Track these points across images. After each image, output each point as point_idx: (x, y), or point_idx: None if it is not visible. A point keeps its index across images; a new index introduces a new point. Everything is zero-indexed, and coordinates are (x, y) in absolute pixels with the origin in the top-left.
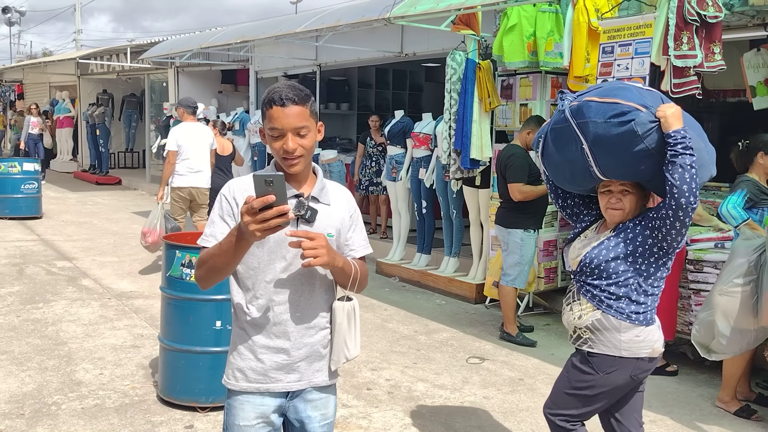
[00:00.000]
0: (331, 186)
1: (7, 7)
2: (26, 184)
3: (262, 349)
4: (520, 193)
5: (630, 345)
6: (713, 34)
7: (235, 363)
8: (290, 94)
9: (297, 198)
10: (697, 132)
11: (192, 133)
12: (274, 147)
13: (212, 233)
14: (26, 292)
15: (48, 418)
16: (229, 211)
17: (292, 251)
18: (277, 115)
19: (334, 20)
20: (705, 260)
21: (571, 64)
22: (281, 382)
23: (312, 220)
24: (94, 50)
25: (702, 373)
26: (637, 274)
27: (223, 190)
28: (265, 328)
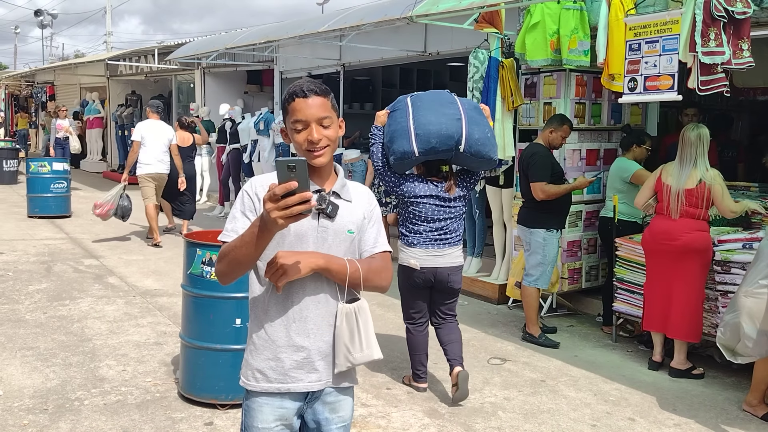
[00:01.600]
0: (352, 184)
1: (40, 10)
2: (56, 183)
3: (282, 347)
4: (543, 192)
5: (402, 257)
6: (741, 30)
7: (253, 363)
8: (311, 86)
9: (318, 193)
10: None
11: (154, 129)
12: (297, 141)
13: (234, 228)
14: (53, 290)
15: (70, 413)
16: (251, 207)
17: (312, 246)
18: (300, 106)
19: (357, 19)
20: (732, 261)
21: (606, 62)
22: (302, 382)
23: (333, 215)
24: (123, 52)
25: (729, 377)
26: (401, 217)
27: (246, 186)
28: (285, 325)
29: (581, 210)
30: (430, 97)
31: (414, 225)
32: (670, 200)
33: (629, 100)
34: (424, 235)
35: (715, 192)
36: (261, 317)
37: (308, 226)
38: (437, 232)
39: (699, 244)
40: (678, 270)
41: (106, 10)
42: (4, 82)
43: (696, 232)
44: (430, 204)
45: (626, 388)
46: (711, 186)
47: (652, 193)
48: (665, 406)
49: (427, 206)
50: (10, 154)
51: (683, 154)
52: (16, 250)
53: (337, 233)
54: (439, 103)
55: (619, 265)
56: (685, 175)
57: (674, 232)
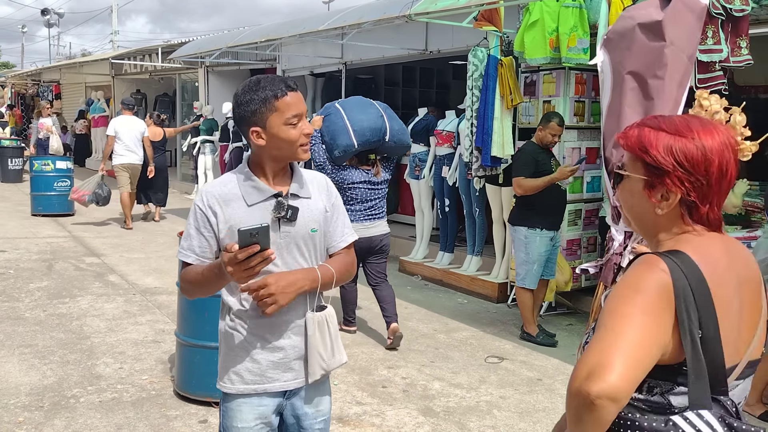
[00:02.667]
0: (308, 177)
1: (46, 9)
2: (59, 181)
3: (258, 348)
4: (519, 186)
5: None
6: (740, 27)
7: (229, 365)
8: (288, 81)
9: (275, 198)
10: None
11: (127, 123)
12: (292, 136)
13: (189, 247)
14: (54, 287)
15: (66, 410)
16: (205, 223)
17: (283, 246)
18: (295, 100)
19: (356, 18)
20: None
21: None
22: (278, 381)
23: (293, 219)
24: (127, 50)
25: None
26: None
27: (197, 200)
28: (260, 326)
29: (581, 208)
30: (355, 101)
31: (351, 206)
32: None
33: None
34: (360, 213)
35: None
36: (235, 319)
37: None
38: (369, 210)
39: None
40: None
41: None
42: (11, 80)
43: None
44: (363, 188)
45: None
46: None
47: None
48: None
49: (361, 190)
50: (15, 152)
51: None
52: (18, 248)
53: (300, 236)
54: (363, 105)
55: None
56: None
57: None
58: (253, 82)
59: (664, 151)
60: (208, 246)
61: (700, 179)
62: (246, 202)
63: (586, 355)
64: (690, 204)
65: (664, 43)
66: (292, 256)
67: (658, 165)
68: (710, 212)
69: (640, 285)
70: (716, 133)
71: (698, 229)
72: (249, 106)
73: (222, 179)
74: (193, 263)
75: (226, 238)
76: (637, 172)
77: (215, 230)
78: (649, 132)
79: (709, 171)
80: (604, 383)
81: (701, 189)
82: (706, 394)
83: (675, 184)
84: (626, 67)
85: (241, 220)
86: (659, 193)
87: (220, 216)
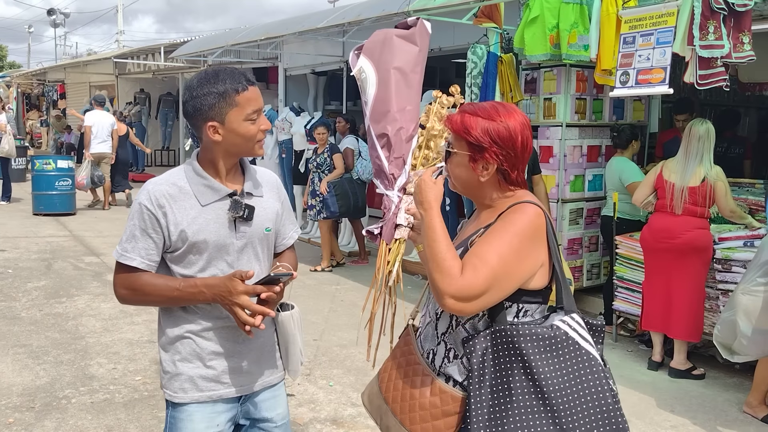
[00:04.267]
0: (259, 175)
1: (52, 9)
2: (60, 181)
3: (212, 354)
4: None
5: None
6: (742, 23)
7: (180, 373)
8: (247, 74)
9: (231, 198)
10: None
11: (99, 118)
12: (251, 132)
13: (134, 249)
14: (51, 287)
15: (57, 411)
16: (154, 224)
17: (234, 255)
18: (254, 95)
19: (356, 15)
20: (733, 259)
21: (598, 57)
22: (234, 387)
23: (250, 218)
24: (130, 50)
25: (731, 377)
26: None
27: (142, 198)
28: (213, 330)
29: (582, 207)
30: None
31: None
32: (674, 197)
33: (619, 94)
34: None
35: (719, 190)
36: (183, 324)
37: (226, 235)
38: None
39: (700, 242)
40: (678, 268)
41: (118, 9)
42: (16, 80)
43: (697, 230)
44: None
45: (624, 389)
46: (714, 184)
47: (651, 191)
48: (663, 407)
49: None
50: (19, 152)
51: (689, 148)
52: (18, 248)
53: (255, 236)
54: None
55: (619, 263)
56: (690, 171)
57: (675, 230)
58: (210, 74)
59: (481, 132)
60: (155, 248)
61: (510, 152)
62: (199, 202)
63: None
64: (504, 171)
65: (417, 48)
66: (247, 257)
67: (478, 143)
68: (518, 176)
69: (533, 221)
70: (515, 115)
71: (513, 189)
72: (206, 99)
73: (169, 176)
74: (139, 267)
75: (179, 241)
76: (462, 149)
77: (164, 232)
78: (469, 117)
79: (515, 145)
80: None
81: (511, 159)
82: (571, 301)
83: (492, 157)
84: (391, 63)
85: (194, 220)
86: (480, 165)
87: (170, 217)
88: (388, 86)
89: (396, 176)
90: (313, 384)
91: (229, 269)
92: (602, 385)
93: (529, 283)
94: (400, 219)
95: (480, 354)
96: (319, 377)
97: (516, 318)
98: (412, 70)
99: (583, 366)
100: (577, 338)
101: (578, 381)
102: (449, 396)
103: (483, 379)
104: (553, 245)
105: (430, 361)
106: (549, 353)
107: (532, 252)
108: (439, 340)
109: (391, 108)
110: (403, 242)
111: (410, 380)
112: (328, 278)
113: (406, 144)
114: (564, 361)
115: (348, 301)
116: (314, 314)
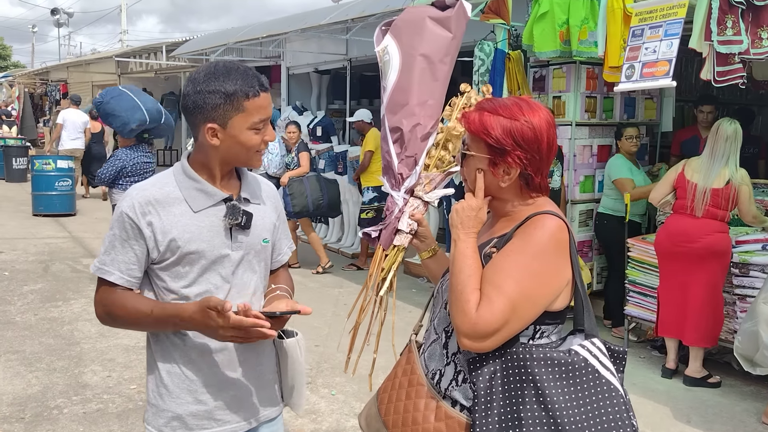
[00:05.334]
0: (256, 181)
1: (56, 8)
2: (60, 181)
3: (204, 386)
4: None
5: (114, 198)
6: (761, 18)
7: (167, 410)
8: (261, 78)
9: (227, 203)
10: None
11: (73, 116)
12: (253, 143)
13: (113, 262)
14: (48, 290)
15: (48, 422)
16: (136, 235)
17: (230, 268)
18: (265, 103)
19: (359, 12)
20: (751, 263)
21: (606, 54)
22: (229, 424)
23: (248, 227)
24: (132, 49)
25: (748, 385)
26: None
27: (125, 208)
28: (206, 359)
29: (592, 209)
30: (132, 88)
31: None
32: (695, 198)
33: (624, 88)
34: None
35: (743, 194)
36: (170, 350)
37: (221, 245)
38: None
39: (720, 247)
40: (696, 273)
41: (122, 8)
42: (19, 80)
43: (717, 233)
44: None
45: (637, 398)
46: (739, 187)
47: (670, 189)
48: (679, 417)
49: (139, 165)
50: (20, 151)
51: (716, 149)
52: (16, 249)
53: (252, 247)
54: (140, 91)
55: (631, 266)
56: (715, 172)
57: (694, 234)
58: (221, 70)
59: (503, 132)
60: (137, 263)
61: (535, 155)
62: (191, 208)
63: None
64: (527, 176)
65: (451, 35)
66: (243, 271)
67: (499, 145)
68: (542, 181)
69: (555, 236)
70: (540, 113)
71: (534, 196)
72: (211, 97)
73: (157, 180)
74: (116, 282)
75: (167, 251)
76: (480, 151)
77: (148, 244)
78: (489, 116)
79: (541, 147)
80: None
81: (536, 163)
82: (593, 325)
83: (514, 161)
84: (418, 50)
85: (185, 228)
86: (501, 169)
87: (158, 225)
88: (411, 74)
89: (405, 176)
90: (315, 393)
91: (223, 284)
92: (623, 420)
93: (552, 304)
94: (402, 224)
95: (488, 378)
96: (321, 385)
97: (531, 340)
98: (440, 59)
99: (603, 397)
100: (598, 366)
101: (597, 414)
102: (456, 422)
103: (490, 406)
104: (576, 260)
105: (435, 383)
106: (565, 381)
107: (555, 272)
108: (448, 361)
109: (411, 100)
110: (403, 250)
111: (413, 403)
112: (331, 281)
113: (421, 143)
114: (582, 390)
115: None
116: (317, 319)
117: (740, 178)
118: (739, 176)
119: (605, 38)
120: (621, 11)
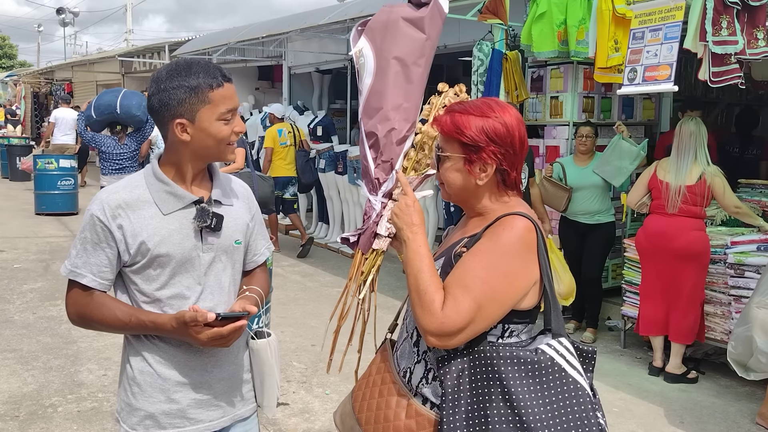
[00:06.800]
0: (228, 181)
1: (61, 8)
2: (63, 180)
3: (177, 385)
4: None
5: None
6: (757, 18)
7: (140, 408)
8: (223, 70)
9: (197, 205)
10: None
11: (64, 114)
12: (223, 134)
13: (85, 264)
14: (47, 289)
15: (42, 420)
16: (107, 238)
17: (201, 269)
18: (230, 92)
19: (358, 11)
20: (746, 264)
21: (595, 55)
22: (202, 423)
23: (219, 228)
24: (135, 48)
25: (743, 386)
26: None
27: (95, 210)
28: (179, 358)
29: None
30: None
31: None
32: (669, 197)
33: (627, 92)
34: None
35: (717, 187)
36: (141, 349)
37: (191, 247)
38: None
39: (699, 248)
40: (675, 271)
41: (127, 8)
42: (24, 79)
43: (694, 231)
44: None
45: (632, 398)
46: (711, 180)
47: (645, 191)
48: (672, 418)
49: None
50: (24, 151)
51: (681, 146)
52: (17, 248)
53: (224, 249)
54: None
55: (627, 266)
56: (685, 169)
57: (671, 232)
58: (182, 66)
59: (476, 130)
60: (108, 265)
61: (509, 150)
62: (161, 210)
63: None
64: (503, 171)
65: (425, 36)
66: (214, 272)
67: (473, 143)
68: (517, 177)
69: (523, 237)
70: (510, 110)
71: (510, 194)
72: (175, 93)
73: (128, 182)
74: (89, 285)
75: (138, 254)
76: (455, 151)
77: (119, 247)
78: (460, 116)
79: (514, 142)
80: None
81: (510, 158)
82: (561, 325)
83: (490, 156)
84: (392, 52)
85: (155, 231)
86: (477, 167)
87: (128, 229)
88: (386, 78)
89: (381, 181)
90: (309, 392)
91: (196, 285)
92: (588, 418)
93: (519, 303)
94: (381, 229)
95: (455, 376)
96: (315, 385)
97: (501, 339)
98: (414, 62)
99: (569, 396)
100: (564, 365)
101: (563, 412)
102: (426, 419)
103: (457, 404)
104: (544, 261)
105: (407, 381)
106: (532, 379)
107: (522, 272)
108: (419, 359)
109: (385, 104)
110: (381, 254)
111: (385, 400)
112: (329, 281)
113: (397, 147)
114: (548, 389)
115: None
116: (314, 319)
117: (711, 173)
118: (710, 171)
119: (595, 40)
120: (609, 13)
